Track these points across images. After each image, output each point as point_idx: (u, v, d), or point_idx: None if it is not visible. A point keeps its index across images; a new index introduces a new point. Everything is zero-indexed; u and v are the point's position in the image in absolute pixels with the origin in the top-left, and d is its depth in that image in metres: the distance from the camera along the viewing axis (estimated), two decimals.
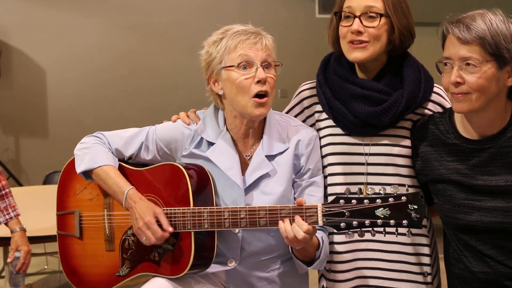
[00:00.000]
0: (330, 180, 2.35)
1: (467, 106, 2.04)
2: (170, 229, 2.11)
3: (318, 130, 2.41)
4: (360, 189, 2.00)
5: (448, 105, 2.33)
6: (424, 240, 2.36)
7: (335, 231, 2.28)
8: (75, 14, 6.98)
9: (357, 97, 2.29)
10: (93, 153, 2.28)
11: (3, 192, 3.17)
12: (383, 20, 2.22)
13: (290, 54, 6.31)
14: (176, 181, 2.18)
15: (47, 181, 5.31)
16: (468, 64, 1.99)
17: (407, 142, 2.33)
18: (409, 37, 2.30)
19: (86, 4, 7.01)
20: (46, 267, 5.39)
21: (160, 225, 2.11)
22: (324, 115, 2.41)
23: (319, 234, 2.21)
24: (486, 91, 2.01)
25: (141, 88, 7.22)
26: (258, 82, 2.14)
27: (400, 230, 1.97)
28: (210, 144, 2.28)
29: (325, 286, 2.41)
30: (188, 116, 2.37)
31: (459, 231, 2.21)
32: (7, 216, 3.15)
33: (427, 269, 2.36)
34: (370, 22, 2.22)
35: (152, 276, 2.21)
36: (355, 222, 1.96)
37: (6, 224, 3.17)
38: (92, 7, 7.02)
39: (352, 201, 1.98)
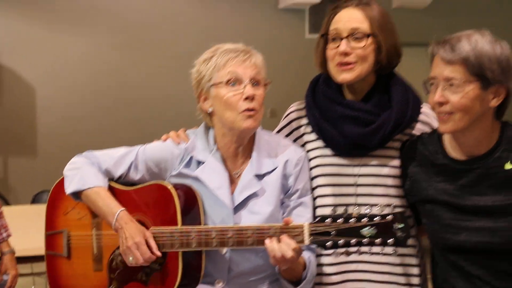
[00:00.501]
0: (319, 201, 2.35)
1: (451, 126, 2.07)
2: (158, 253, 2.13)
3: (308, 151, 2.41)
4: (346, 208, 2.01)
5: (436, 125, 2.32)
6: (413, 261, 2.37)
7: (323, 252, 2.32)
8: (63, 32, 7.00)
9: (346, 119, 2.30)
10: (83, 174, 2.29)
11: None
12: (369, 40, 2.24)
13: (281, 74, 6.35)
14: (165, 201, 2.19)
15: (35, 200, 5.31)
16: (451, 84, 2.02)
17: (396, 163, 2.34)
18: (396, 56, 2.32)
19: (74, 22, 7.03)
20: (33, 287, 5.36)
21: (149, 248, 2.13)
22: (313, 136, 2.41)
23: (306, 255, 2.22)
24: (469, 111, 2.03)
25: (129, 103, 7.22)
26: (246, 98, 2.15)
27: (386, 249, 1.98)
28: (200, 163, 2.29)
29: None
30: (178, 135, 2.37)
31: (447, 251, 2.21)
32: None
33: None
34: (357, 43, 2.24)
35: None
36: (341, 241, 1.97)
37: None
38: (79, 25, 7.04)
39: (338, 220, 1.98)
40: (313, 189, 2.38)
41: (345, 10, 2.29)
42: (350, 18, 2.26)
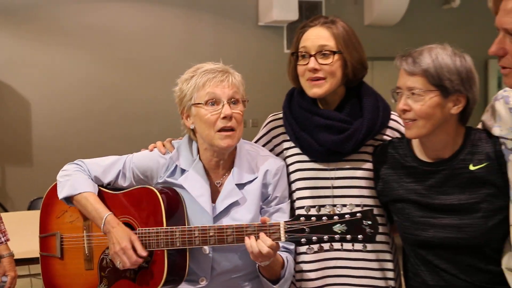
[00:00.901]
0: (299, 203, 2.35)
1: (415, 132, 2.10)
2: (144, 253, 2.13)
3: (286, 157, 2.42)
4: (319, 206, 2.02)
5: (403, 130, 2.36)
6: (387, 256, 2.38)
7: (303, 249, 2.31)
8: (59, 49, 6.98)
9: (321, 127, 2.31)
10: (74, 180, 2.29)
11: None
12: (336, 57, 2.25)
13: (261, 86, 6.37)
14: (151, 203, 2.19)
15: (31, 206, 5.27)
16: (413, 93, 2.05)
17: (369, 166, 2.35)
18: (362, 69, 2.33)
19: (67, 42, 7.02)
20: None
21: (135, 250, 2.12)
22: (291, 144, 2.42)
23: (284, 254, 2.22)
24: (430, 117, 2.06)
25: (120, 118, 7.22)
26: (224, 118, 2.15)
27: (356, 244, 1.99)
28: (184, 171, 2.29)
29: None
30: (164, 145, 2.37)
31: (416, 247, 2.22)
32: None
33: (391, 283, 2.37)
34: (324, 60, 2.25)
35: None
36: (314, 238, 1.98)
37: None
38: (72, 45, 7.03)
39: (312, 218, 2.00)
40: (292, 192, 2.38)
41: (312, 29, 2.30)
42: (317, 37, 2.27)
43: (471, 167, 2.11)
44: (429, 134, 2.10)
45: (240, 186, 2.27)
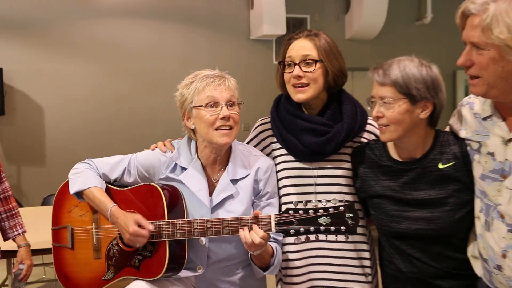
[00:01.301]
0: (285, 199, 2.36)
1: (388, 136, 2.12)
2: (151, 226, 2.13)
3: (274, 158, 2.42)
4: (306, 201, 2.03)
5: (379, 133, 2.38)
6: (364, 246, 2.39)
7: (289, 240, 2.33)
8: (69, 61, 6.96)
9: (305, 130, 2.31)
10: (84, 177, 2.29)
11: (13, 212, 3.16)
12: (318, 65, 2.26)
13: (252, 94, 6.37)
14: (154, 199, 2.19)
15: (44, 202, 5.25)
16: (385, 102, 2.07)
17: (348, 165, 2.36)
18: (342, 76, 2.33)
19: (80, 53, 7.00)
20: (44, 276, 5.28)
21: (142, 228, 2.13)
22: (278, 145, 2.42)
23: (273, 245, 2.24)
24: (401, 123, 2.07)
25: (125, 123, 7.20)
26: (223, 118, 2.17)
27: (339, 235, 2.01)
28: (183, 169, 2.29)
29: None
30: (164, 145, 2.38)
31: (391, 238, 2.24)
32: (15, 232, 3.14)
33: (368, 270, 2.38)
34: (307, 68, 2.26)
35: (133, 279, 2.22)
36: (302, 229, 2.00)
37: (14, 239, 3.15)
38: (81, 55, 7.01)
39: (299, 211, 2.01)
40: (279, 188, 2.39)
41: (297, 41, 2.31)
42: (301, 47, 2.28)
43: (440, 166, 2.13)
44: (401, 137, 2.11)
45: (234, 181, 2.28)
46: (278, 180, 2.39)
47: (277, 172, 2.40)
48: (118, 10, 7.17)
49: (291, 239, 2.33)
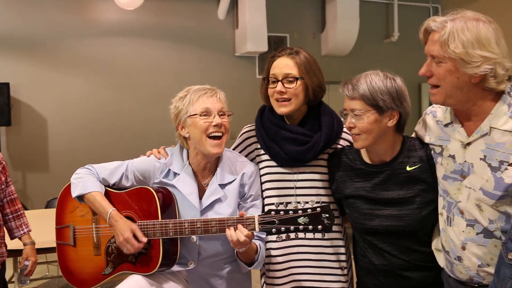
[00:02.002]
0: (268, 201, 2.37)
1: (360, 143, 2.13)
2: (144, 239, 2.13)
3: (257, 163, 2.42)
4: (286, 203, 2.05)
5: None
6: (340, 243, 2.39)
7: (271, 238, 2.34)
8: (71, 76, 6.93)
9: (287, 140, 2.31)
10: (85, 181, 2.28)
11: (20, 212, 3.16)
12: (299, 82, 2.26)
13: (238, 105, 6.33)
14: (148, 200, 2.19)
15: (48, 205, 5.21)
16: (355, 114, 2.09)
17: (325, 170, 2.36)
18: (321, 91, 2.34)
19: (81, 68, 6.98)
20: (47, 273, 5.23)
21: (136, 238, 2.13)
22: (261, 152, 2.42)
23: (257, 242, 2.24)
24: (371, 132, 2.09)
25: (122, 134, 7.17)
26: (215, 125, 2.18)
27: (317, 234, 2.02)
28: (176, 174, 2.29)
29: (265, 282, 2.42)
30: (159, 152, 2.38)
31: (364, 234, 2.25)
32: (21, 231, 3.14)
33: (343, 264, 2.39)
34: (289, 84, 2.26)
35: (130, 274, 2.21)
36: (283, 228, 2.01)
37: (20, 238, 3.14)
38: (82, 70, 6.99)
39: (280, 212, 2.02)
40: (263, 191, 2.39)
41: (280, 59, 2.31)
42: (284, 65, 2.28)
43: (408, 168, 2.14)
44: (372, 144, 2.13)
45: (222, 186, 2.28)
46: (261, 183, 2.39)
47: (260, 176, 2.40)
48: (116, 29, 7.16)
49: (273, 237, 2.35)
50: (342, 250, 2.39)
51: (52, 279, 5.17)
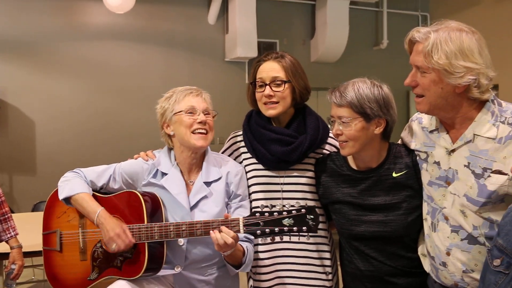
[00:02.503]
0: (254, 204, 2.37)
1: (347, 151, 2.14)
2: (133, 240, 2.13)
3: (245, 166, 2.43)
4: (271, 205, 2.04)
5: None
6: (326, 248, 2.40)
7: (258, 241, 2.34)
8: (59, 78, 6.89)
9: (272, 141, 2.33)
10: (72, 183, 2.27)
11: (7, 216, 3.15)
12: (286, 85, 2.29)
13: (227, 110, 6.35)
14: (135, 204, 2.19)
15: (34, 209, 5.19)
16: (343, 121, 2.10)
17: (311, 174, 2.37)
18: (307, 93, 2.37)
19: (69, 71, 6.94)
20: (33, 277, 5.22)
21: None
22: (249, 155, 2.43)
23: (244, 244, 2.24)
24: (358, 139, 2.10)
25: (111, 136, 7.14)
26: (200, 123, 2.21)
27: (302, 235, 2.02)
28: (164, 174, 2.30)
29: (252, 285, 2.42)
30: (146, 154, 2.38)
31: (351, 239, 2.25)
32: (8, 235, 3.12)
33: (328, 269, 2.39)
34: (277, 88, 2.29)
35: (116, 279, 2.20)
36: (267, 230, 2.01)
37: (7, 241, 3.11)
38: (70, 72, 6.94)
39: (265, 214, 2.02)
40: (250, 194, 2.40)
41: (266, 63, 2.33)
42: (270, 69, 2.31)
43: (394, 174, 2.15)
44: (359, 151, 2.14)
45: (208, 184, 2.29)
46: (248, 186, 2.40)
47: (247, 179, 2.41)
48: (105, 33, 7.14)
49: (260, 241, 2.35)
50: (327, 255, 2.40)
51: (38, 283, 5.14)
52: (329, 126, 2.21)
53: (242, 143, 2.47)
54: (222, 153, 2.52)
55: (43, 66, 6.84)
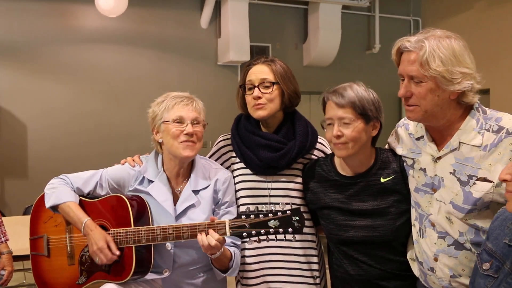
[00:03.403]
0: (242, 208, 2.37)
1: (345, 152, 2.12)
2: (117, 252, 2.13)
3: (232, 170, 2.43)
4: (257, 207, 2.05)
5: (328, 151, 2.41)
6: (313, 252, 2.40)
7: (245, 245, 2.34)
8: (51, 81, 6.89)
9: (261, 146, 2.33)
10: (59, 192, 2.26)
11: None
12: (275, 87, 2.29)
13: (219, 113, 6.34)
14: (121, 208, 2.18)
15: (26, 212, 5.19)
16: (344, 122, 2.08)
17: (299, 180, 2.37)
18: (296, 97, 2.36)
19: (61, 74, 6.94)
20: (24, 281, 5.20)
21: (110, 249, 2.12)
22: (237, 159, 2.43)
23: (232, 249, 2.24)
24: (358, 140, 2.10)
25: (102, 139, 7.14)
26: (186, 134, 2.19)
27: (288, 236, 2.02)
28: (150, 181, 2.29)
29: None
30: (133, 160, 2.38)
31: (340, 244, 2.25)
32: None
33: (316, 273, 2.39)
34: (266, 89, 2.29)
35: (104, 282, 2.19)
36: (253, 232, 2.01)
37: None
38: (63, 76, 6.95)
39: (251, 216, 2.02)
40: (237, 198, 2.40)
41: (256, 66, 2.35)
42: (260, 72, 2.31)
43: (382, 179, 2.16)
44: (354, 154, 2.13)
45: (196, 192, 2.28)
46: (236, 191, 2.40)
47: (235, 183, 2.40)
48: (97, 36, 7.14)
49: (247, 245, 2.35)
50: (315, 259, 2.40)
51: (28, 286, 5.12)
52: (323, 130, 2.20)
53: (230, 147, 2.47)
54: (210, 156, 2.51)
55: (35, 69, 6.83)
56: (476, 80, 1.82)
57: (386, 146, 2.29)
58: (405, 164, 2.13)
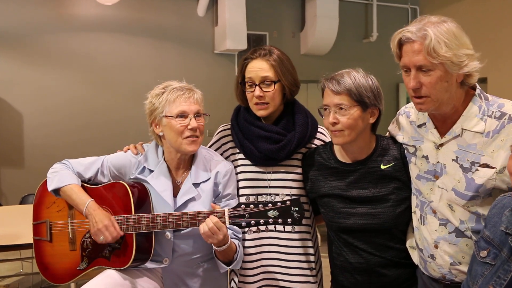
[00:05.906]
0: (242, 199, 2.34)
1: (342, 139, 2.12)
2: (121, 232, 2.14)
3: (232, 161, 2.43)
4: (257, 197, 2.07)
5: (328, 140, 2.41)
6: (310, 243, 2.41)
7: (245, 235, 2.35)
8: (48, 71, 6.88)
9: (261, 138, 2.33)
10: (61, 175, 2.27)
11: None
12: (276, 85, 2.28)
13: (216, 102, 6.35)
14: (122, 195, 2.20)
15: (22, 201, 5.17)
16: (340, 108, 2.08)
17: (299, 170, 2.37)
18: (296, 89, 2.36)
19: (57, 64, 6.92)
20: (21, 270, 5.19)
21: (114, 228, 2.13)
22: (236, 150, 2.43)
23: (236, 242, 2.25)
24: (354, 127, 2.09)
25: (99, 129, 7.14)
26: (191, 129, 2.18)
27: (287, 227, 2.04)
28: (151, 171, 2.29)
29: (235, 280, 2.44)
30: (136, 147, 2.37)
31: (340, 232, 2.26)
32: None
33: (313, 265, 2.41)
34: (267, 88, 2.27)
35: (104, 268, 2.21)
36: (252, 221, 2.03)
37: None
38: (59, 65, 6.94)
39: (250, 205, 2.04)
40: (237, 190, 2.40)
41: (254, 62, 2.31)
42: (259, 69, 2.28)
43: (382, 166, 2.17)
44: (353, 141, 2.13)
45: (196, 184, 2.28)
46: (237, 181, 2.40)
47: (235, 174, 2.40)
48: (93, 25, 7.11)
49: (246, 236, 2.37)
50: (312, 251, 2.41)
51: (26, 275, 5.13)
52: (321, 116, 2.20)
53: (230, 138, 2.46)
54: (210, 146, 2.51)
55: (31, 58, 6.81)
56: (478, 60, 1.82)
57: (387, 134, 2.29)
58: (406, 151, 2.14)
